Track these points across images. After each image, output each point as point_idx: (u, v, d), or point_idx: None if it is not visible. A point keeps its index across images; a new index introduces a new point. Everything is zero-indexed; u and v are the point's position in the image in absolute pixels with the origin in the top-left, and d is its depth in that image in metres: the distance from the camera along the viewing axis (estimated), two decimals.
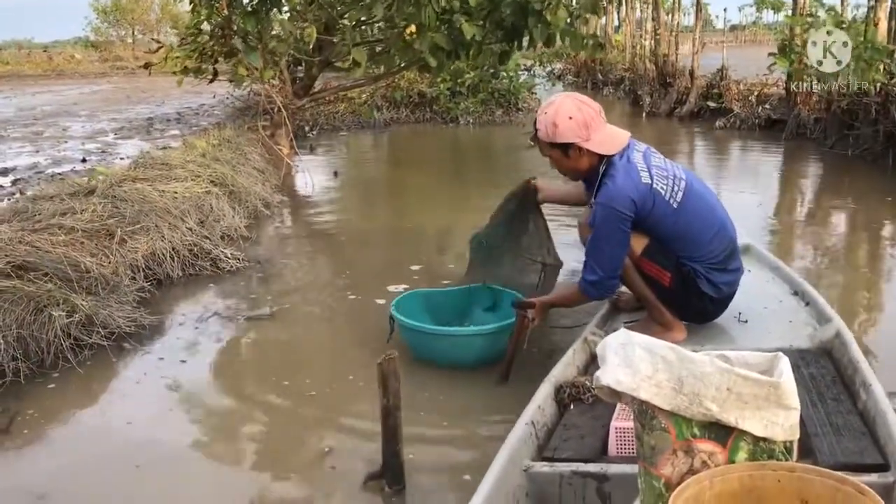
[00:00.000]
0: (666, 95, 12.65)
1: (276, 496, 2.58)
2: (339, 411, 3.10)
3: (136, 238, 4.49)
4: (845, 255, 5.15)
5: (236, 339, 3.84)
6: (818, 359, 2.73)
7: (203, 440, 2.96)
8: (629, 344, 1.59)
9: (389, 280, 4.50)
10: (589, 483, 2.09)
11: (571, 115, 2.87)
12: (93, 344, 3.57)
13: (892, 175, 7.15)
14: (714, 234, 2.99)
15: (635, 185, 2.84)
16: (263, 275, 4.82)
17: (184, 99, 16.51)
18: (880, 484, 1.91)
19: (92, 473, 2.73)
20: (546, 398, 2.52)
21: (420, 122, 12.58)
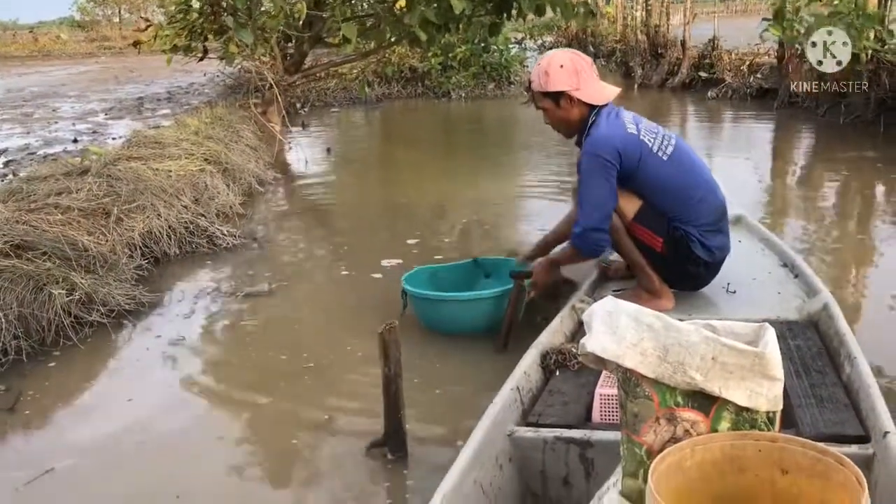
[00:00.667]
0: (657, 66, 12.64)
1: (277, 465, 2.62)
2: (338, 381, 3.14)
3: (133, 216, 4.50)
4: (837, 224, 5.18)
5: (235, 316, 3.86)
6: (805, 331, 2.74)
7: (202, 415, 3.00)
8: (616, 312, 1.58)
9: (384, 255, 4.52)
10: (572, 449, 2.10)
11: (563, 64, 2.96)
12: (93, 322, 3.60)
13: (884, 142, 7.18)
14: (704, 194, 3.02)
15: (621, 134, 2.91)
16: (260, 251, 4.84)
17: (173, 78, 16.40)
18: (860, 455, 1.92)
19: (97, 450, 2.76)
20: (532, 364, 2.54)
21: (412, 97, 12.55)
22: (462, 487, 1.88)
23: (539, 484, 2.15)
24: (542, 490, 2.15)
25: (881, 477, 1.86)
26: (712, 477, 1.46)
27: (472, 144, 9.22)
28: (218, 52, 8.98)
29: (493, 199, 6.04)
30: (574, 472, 2.10)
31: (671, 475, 1.42)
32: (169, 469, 2.63)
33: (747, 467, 1.46)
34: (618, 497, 1.61)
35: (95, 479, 2.58)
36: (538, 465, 2.14)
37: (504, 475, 2.08)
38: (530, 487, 2.16)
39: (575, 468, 2.10)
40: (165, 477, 2.58)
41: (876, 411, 2.04)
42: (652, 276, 3.03)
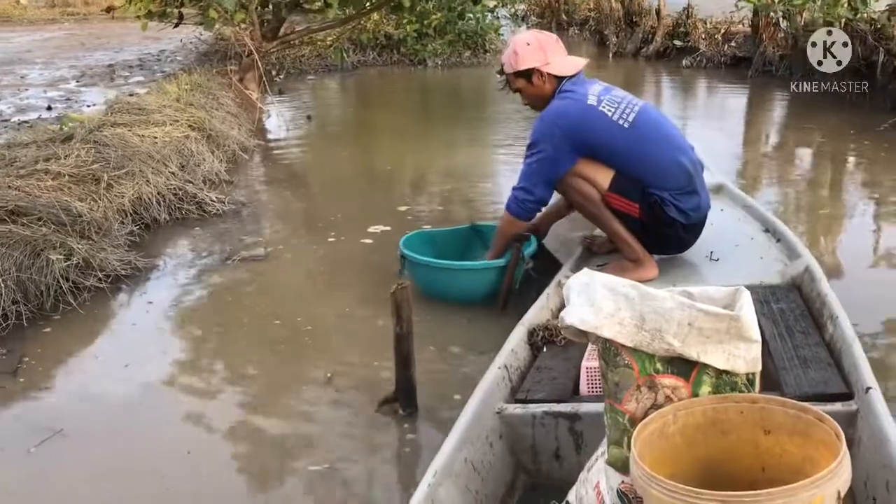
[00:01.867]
0: (632, 35, 12.63)
1: (286, 423, 2.68)
2: (336, 342, 3.21)
3: (122, 183, 4.49)
4: (813, 189, 5.30)
5: (232, 280, 3.90)
6: (788, 294, 2.79)
7: (204, 378, 3.02)
8: (592, 283, 1.60)
9: (371, 221, 4.56)
10: (561, 422, 2.13)
11: (529, 42, 3.14)
12: (90, 287, 3.61)
13: (857, 109, 7.31)
14: (672, 157, 3.08)
15: (581, 106, 3.04)
16: (250, 217, 4.86)
17: (142, 45, 16.07)
18: (844, 412, 1.96)
19: (99, 414, 2.80)
20: (519, 342, 2.58)
21: (387, 64, 12.45)
22: (453, 466, 1.91)
23: (530, 459, 2.18)
24: (534, 465, 2.18)
25: (865, 431, 1.90)
26: (696, 441, 1.49)
27: (451, 112, 9.23)
28: (194, 19, 8.88)
29: (474, 166, 6.10)
30: (564, 446, 2.14)
31: (654, 441, 1.46)
32: (176, 431, 2.67)
33: (730, 430, 1.49)
34: (604, 466, 1.64)
35: (103, 442, 2.62)
36: (528, 441, 2.17)
37: (495, 452, 2.11)
38: (522, 463, 2.19)
39: (565, 441, 2.14)
40: (174, 438, 2.63)
41: (858, 368, 2.09)
42: (634, 245, 3.10)
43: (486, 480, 2.02)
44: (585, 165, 3.06)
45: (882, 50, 6.85)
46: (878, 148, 6.01)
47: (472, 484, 1.96)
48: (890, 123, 6.34)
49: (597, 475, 1.67)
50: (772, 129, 7.77)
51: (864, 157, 5.94)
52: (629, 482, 1.50)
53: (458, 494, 1.88)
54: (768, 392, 1.77)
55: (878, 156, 5.87)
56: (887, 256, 4.03)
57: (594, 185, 3.06)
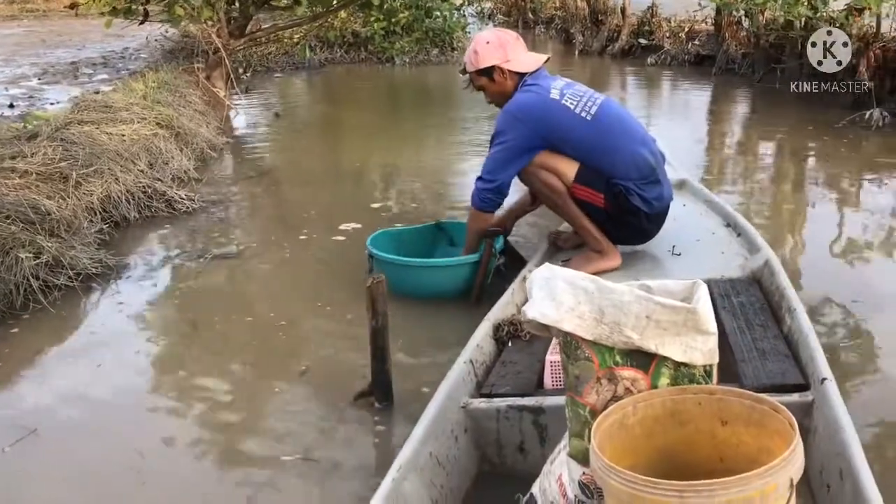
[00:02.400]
0: (598, 34, 12.77)
1: (262, 418, 2.69)
2: (310, 337, 3.24)
3: (91, 181, 4.46)
4: (774, 184, 5.42)
5: (205, 277, 3.89)
6: (748, 287, 2.83)
7: (177, 376, 3.00)
8: (552, 277, 1.62)
9: (342, 218, 4.58)
10: (525, 416, 2.15)
11: (489, 41, 3.20)
12: (61, 285, 3.59)
13: (816, 106, 7.46)
14: (634, 149, 3.13)
15: (543, 99, 3.08)
16: (221, 215, 4.85)
17: (105, 42, 15.87)
18: (801, 402, 1.99)
19: (73, 413, 2.77)
20: (485, 337, 2.60)
21: (355, 62, 12.45)
22: (418, 460, 1.92)
23: (495, 453, 2.21)
24: (499, 458, 2.21)
25: (820, 421, 1.94)
26: (655, 432, 1.52)
27: (420, 109, 9.27)
28: (160, 16, 8.81)
29: (443, 163, 6.17)
30: (528, 439, 2.16)
31: (614, 433, 1.48)
32: (150, 429, 2.66)
33: (688, 420, 1.52)
34: (566, 458, 1.67)
35: (79, 441, 2.60)
36: (493, 435, 2.19)
37: (460, 446, 2.13)
38: (486, 456, 2.22)
39: (529, 435, 2.16)
40: (149, 436, 2.61)
41: (815, 360, 2.13)
42: (598, 237, 3.15)
43: (450, 474, 2.04)
44: (550, 157, 3.11)
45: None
46: (837, 144, 6.16)
47: (436, 478, 1.97)
48: (848, 120, 6.50)
49: (559, 467, 1.70)
50: (735, 125, 7.90)
51: (824, 153, 6.08)
52: (590, 474, 1.51)
53: (422, 488, 1.89)
54: (729, 384, 1.81)
55: (838, 151, 6.02)
56: (845, 249, 4.13)
57: (559, 176, 3.10)
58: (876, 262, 3.92)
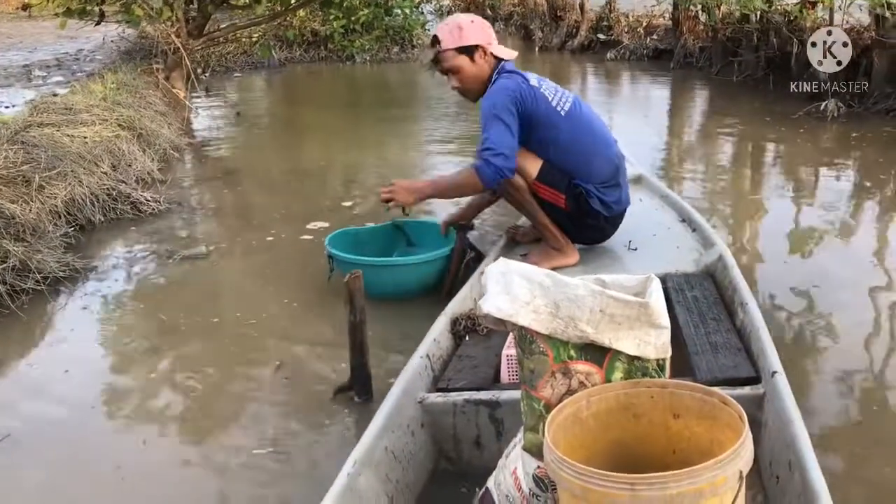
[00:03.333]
0: (557, 29, 12.87)
1: (240, 415, 2.68)
2: (282, 334, 3.22)
3: (54, 184, 4.38)
4: (730, 177, 5.51)
5: (174, 278, 3.86)
6: (702, 282, 2.85)
7: (149, 378, 2.95)
8: (508, 272, 1.62)
9: (309, 217, 4.58)
10: (482, 410, 2.14)
11: (473, 20, 3.09)
12: (28, 289, 3.53)
13: (773, 98, 7.63)
14: (600, 151, 3.13)
15: (521, 83, 3.01)
16: (187, 216, 4.81)
17: (58, 44, 15.59)
18: (752, 395, 2.01)
19: (46, 417, 2.72)
20: (442, 331, 2.58)
21: (315, 61, 12.40)
22: (373, 455, 1.91)
23: (451, 447, 2.20)
24: (455, 453, 2.20)
25: (771, 414, 1.96)
26: (609, 425, 1.53)
27: (380, 108, 9.24)
28: (116, 17, 8.69)
29: (406, 161, 6.21)
30: (485, 433, 2.16)
31: (569, 426, 1.49)
32: (124, 431, 2.65)
33: (642, 413, 1.53)
34: (521, 452, 1.67)
35: (54, 445, 2.56)
36: (450, 429, 2.18)
37: (416, 441, 2.12)
38: (443, 451, 2.21)
39: (485, 429, 2.15)
40: (123, 438, 2.60)
41: (766, 354, 2.15)
42: (556, 233, 3.15)
43: (406, 469, 2.03)
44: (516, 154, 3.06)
45: (796, 41, 7.16)
46: (794, 134, 6.30)
47: (392, 473, 1.96)
48: (805, 111, 6.65)
49: (514, 461, 1.70)
50: (692, 118, 8.04)
51: (782, 143, 6.21)
52: (545, 467, 1.51)
53: (378, 483, 1.88)
54: (682, 377, 1.82)
55: (795, 142, 6.16)
56: (801, 240, 4.19)
57: (522, 173, 3.06)
58: (833, 250, 4.02)
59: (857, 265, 3.68)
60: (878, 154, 5.67)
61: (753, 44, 8.16)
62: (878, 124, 6.29)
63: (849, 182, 5.24)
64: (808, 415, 2.11)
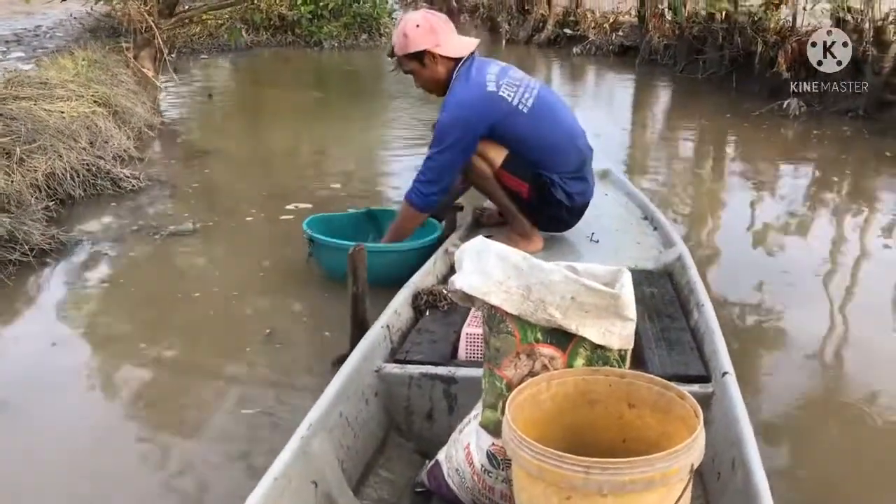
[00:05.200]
0: (524, 23, 13.02)
1: (227, 376, 2.74)
2: (270, 305, 3.28)
3: (35, 157, 4.37)
4: (691, 172, 5.63)
5: (160, 253, 3.88)
6: (660, 279, 2.89)
7: (138, 349, 2.94)
8: (485, 251, 1.64)
9: (286, 198, 4.64)
10: (437, 385, 2.16)
11: (418, 24, 3.04)
12: (15, 260, 3.53)
13: (736, 96, 7.86)
14: (565, 144, 3.15)
15: (480, 94, 3.00)
16: (167, 193, 4.81)
17: (13, 19, 15.28)
18: (701, 393, 2.03)
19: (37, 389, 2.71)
20: (403, 304, 2.60)
21: (282, 45, 12.37)
22: (328, 419, 1.93)
23: (403, 419, 2.22)
24: (406, 424, 2.22)
25: (718, 413, 1.99)
26: (565, 409, 1.55)
27: (350, 91, 9.33)
28: None
29: (377, 144, 6.31)
30: (437, 407, 2.18)
31: (527, 407, 1.51)
32: (114, 397, 2.67)
33: (598, 400, 1.55)
34: (476, 427, 1.69)
35: (47, 416, 2.55)
36: (403, 401, 2.20)
37: (370, 409, 2.14)
38: (395, 422, 2.22)
39: (438, 403, 2.17)
40: (113, 405, 2.63)
41: (717, 354, 2.17)
42: (522, 219, 3.20)
43: (358, 436, 2.05)
44: (481, 143, 3.08)
45: (760, 41, 7.39)
46: (757, 131, 6.51)
47: (345, 438, 1.98)
48: (767, 109, 6.87)
49: (468, 437, 1.72)
50: (657, 113, 8.22)
51: (743, 140, 6.42)
52: (500, 444, 1.53)
53: (330, 448, 1.89)
54: (635, 368, 1.85)
55: (757, 139, 6.37)
56: (760, 236, 4.25)
57: (487, 161, 3.10)
58: (792, 246, 4.09)
59: (815, 261, 3.77)
60: (838, 151, 5.90)
61: (718, 43, 8.37)
62: (838, 123, 6.54)
63: (810, 178, 5.43)
64: (755, 415, 2.15)
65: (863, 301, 3.39)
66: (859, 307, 3.33)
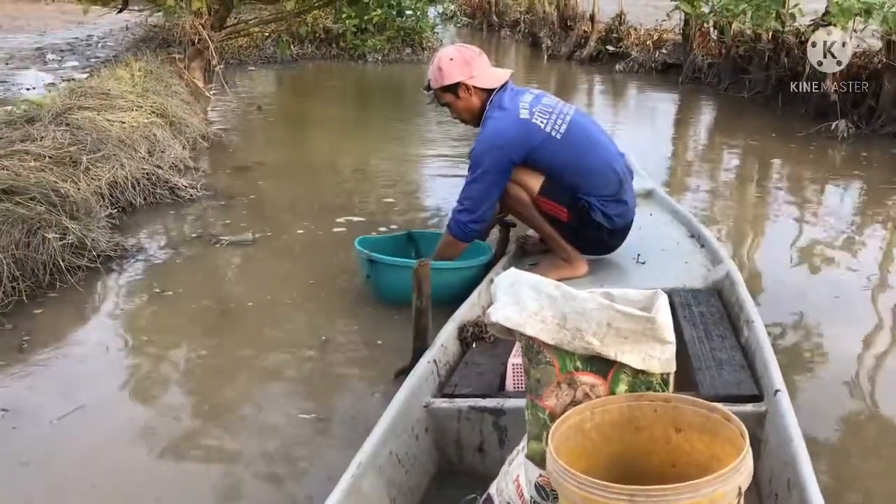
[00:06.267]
0: (566, 39, 13.06)
1: (284, 384, 2.85)
2: (327, 314, 3.39)
3: (99, 166, 4.52)
4: (738, 193, 5.57)
5: (220, 262, 4.00)
6: (709, 298, 2.88)
7: (203, 356, 3.07)
8: (518, 282, 1.65)
9: (337, 211, 4.74)
10: (486, 417, 2.16)
11: (452, 57, 3.16)
12: (83, 266, 3.66)
13: (781, 116, 7.82)
14: (601, 167, 3.17)
15: (513, 122, 3.08)
16: (223, 204, 4.93)
17: (66, 29, 15.70)
18: (754, 413, 2.03)
19: (113, 387, 2.85)
20: (449, 337, 2.63)
21: (326, 58, 12.54)
22: (377, 458, 1.94)
23: (454, 453, 2.23)
24: (458, 458, 2.23)
25: (772, 432, 1.98)
26: (611, 437, 1.55)
27: (399, 106, 9.42)
28: (139, 4, 8.80)
29: (415, 161, 6.41)
30: (488, 440, 2.19)
31: (572, 436, 1.52)
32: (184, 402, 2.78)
33: (644, 427, 1.55)
34: (524, 460, 1.68)
35: (118, 418, 2.67)
36: (453, 435, 2.21)
37: (420, 445, 2.15)
38: (446, 456, 2.24)
39: (489, 436, 2.18)
40: (178, 403, 2.75)
41: (769, 371, 2.18)
42: (564, 245, 3.22)
43: (409, 473, 2.05)
44: (517, 170, 3.14)
45: (807, 61, 7.36)
46: (805, 153, 6.49)
47: (395, 476, 1.99)
48: (815, 130, 6.84)
49: (517, 469, 1.72)
50: (701, 132, 8.18)
51: (790, 161, 6.39)
52: (547, 476, 1.53)
53: (381, 486, 1.91)
54: (686, 391, 1.86)
55: (805, 160, 6.34)
56: (808, 257, 4.23)
57: (525, 188, 3.15)
58: (841, 269, 4.04)
59: (863, 284, 3.74)
60: (889, 174, 5.84)
61: (764, 62, 8.35)
62: (887, 146, 6.49)
63: (858, 199, 5.40)
64: (810, 434, 2.13)
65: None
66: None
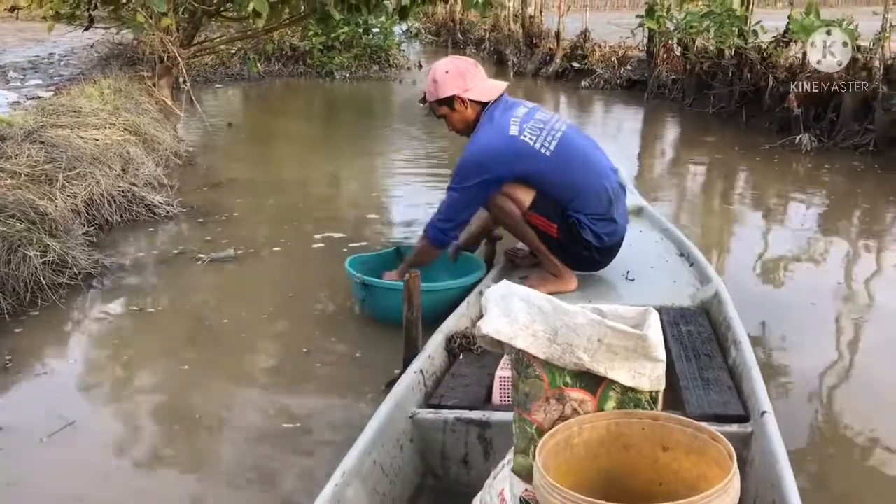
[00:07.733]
0: (532, 56, 13.23)
1: (267, 395, 2.85)
2: (310, 327, 3.39)
3: (75, 183, 4.48)
4: (704, 207, 5.66)
5: (204, 278, 3.98)
6: (697, 317, 2.85)
7: (185, 371, 3.05)
8: (509, 295, 1.64)
9: (315, 227, 4.75)
10: (471, 429, 2.15)
11: (447, 70, 3.15)
12: (64, 284, 3.63)
13: (745, 130, 8.00)
14: (594, 183, 3.16)
15: (503, 137, 3.06)
16: (201, 220, 4.90)
17: (25, 47, 15.55)
18: (740, 433, 2.01)
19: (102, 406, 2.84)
20: (437, 348, 2.61)
21: (294, 75, 12.57)
22: (361, 467, 1.92)
23: (439, 464, 2.21)
24: (442, 470, 2.21)
25: (757, 453, 1.96)
26: (598, 453, 1.54)
27: (368, 121, 9.45)
28: (107, 22, 8.75)
29: (386, 175, 6.48)
30: (473, 452, 2.17)
31: (559, 452, 1.50)
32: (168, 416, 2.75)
33: (631, 444, 1.54)
34: (510, 473, 1.67)
35: (102, 434, 2.64)
36: (438, 446, 2.19)
37: (404, 455, 2.13)
38: (430, 467, 2.22)
39: (474, 448, 2.16)
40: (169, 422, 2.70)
41: (756, 392, 2.15)
42: (553, 260, 3.22)
43: (394, 483, 2.04)
44: (508, 184, 3.13)
45: (770, 76, 7.56)
46: (769, 166, 6.64)
47: (379, 486, 1.98)
48: (779, 144, 7.02)
49: (502, 482, 1.70)
50: (667, 147, 8.32)
51: (755, 174, 6.53)
52: (532, 490, 1.52)
53: (365, 496, 1.89)
54: (672, 410, 1.84)
55: (768, 173, 6.48)
56: (775, 268, 4.27)
57: (516, 202, 3.14)
58: (808, 277, 4.11)
59: (832, 290, 3.80)
60: (851, 185, 6.02)
61: (728, 78, 8.54)
62: (848, 158, 6.68)
63: (824, 210, 5.51)
64: (795, 455, 2.14)
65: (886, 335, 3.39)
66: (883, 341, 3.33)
